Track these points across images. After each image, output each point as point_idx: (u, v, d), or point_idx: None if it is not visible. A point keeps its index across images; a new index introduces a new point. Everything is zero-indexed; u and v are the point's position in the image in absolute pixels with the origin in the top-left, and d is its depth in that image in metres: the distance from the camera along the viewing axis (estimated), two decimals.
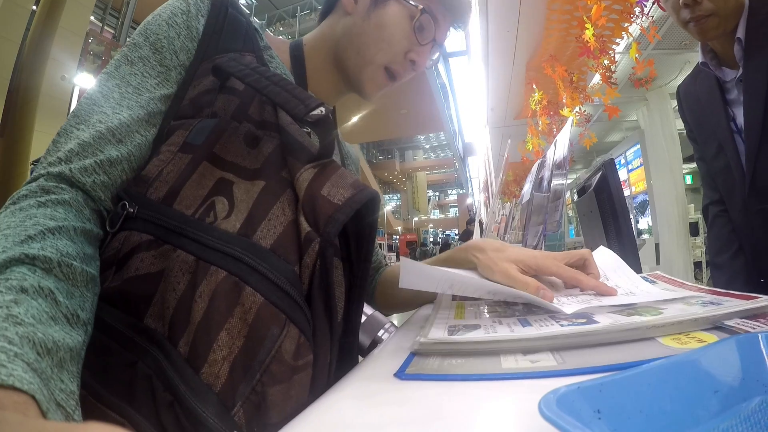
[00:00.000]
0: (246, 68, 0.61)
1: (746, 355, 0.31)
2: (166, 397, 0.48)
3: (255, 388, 0.50)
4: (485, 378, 0.40)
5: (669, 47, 4.73)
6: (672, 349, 0.42)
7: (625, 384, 0.27)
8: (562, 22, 4.19)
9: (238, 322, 0.50)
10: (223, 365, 0.49)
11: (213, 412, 0.47)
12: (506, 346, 0.46)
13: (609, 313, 0.52)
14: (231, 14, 0.69)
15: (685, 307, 0.53)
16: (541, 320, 0.53)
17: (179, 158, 0.58)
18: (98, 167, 0.55)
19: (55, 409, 0.34)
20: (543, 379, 0.39)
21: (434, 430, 0.31)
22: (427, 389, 0.39)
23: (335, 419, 0.36)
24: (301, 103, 0.58)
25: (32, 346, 0.36)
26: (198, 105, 0.63)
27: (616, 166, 1.37)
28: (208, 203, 0.56)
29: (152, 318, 0.52)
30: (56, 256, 0.44)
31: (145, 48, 0.63)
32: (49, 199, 0.50)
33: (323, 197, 0.56)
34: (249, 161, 0.59)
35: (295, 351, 0.52)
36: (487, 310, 0.64)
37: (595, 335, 0.46)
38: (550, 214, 1.45)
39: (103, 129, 0.57)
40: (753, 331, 0.43)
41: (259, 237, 0.55)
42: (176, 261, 0.52)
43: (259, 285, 0.52)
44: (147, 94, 0.61)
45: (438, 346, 0.48)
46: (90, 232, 0.52)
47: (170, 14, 0.65)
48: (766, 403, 0.27)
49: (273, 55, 0.76)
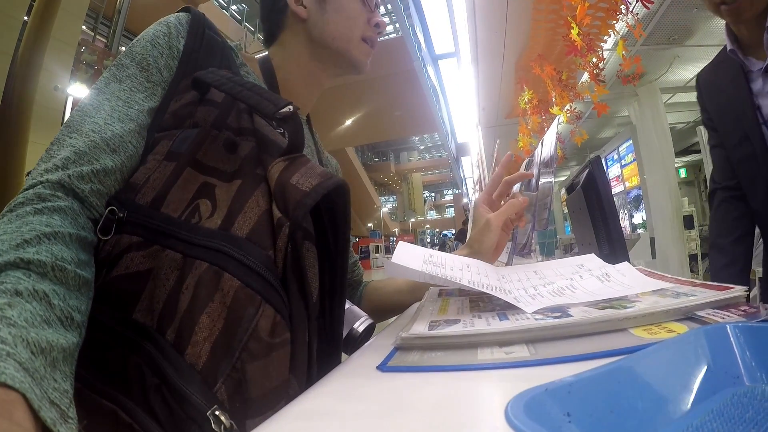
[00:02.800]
0: (222, 78, 0.67)
1: (715, 346, 0.31)
2: (154, 380, 0.51)
3: (235, 365, 0.53)
4: (461, 368, 0.42)
5: (658, 43, 4.75)
6: (643, 339, 0.44)
7: (594, 383, 0.27)
8: (548, 22, 4.21)
9: (218, 306, 0.54)
10: (204, 345, 0.53)
11: (196, 389, 0.50)
12: (483, 339, 0.49)
13: (583, 307, 0.55)
14: (208, 35, 0.75)
15: (659, 298, 0.55)
16: (518, 314, 0.55)
17: (164, 166, 0.62)
18: (94, 176, 0.58)
19: (49, 407, 0.36)
20: (516, 369, 0.41)
21: (410, 416, 0.34)
22: (406, 380, 0.42)
23: (319, 408, 0.39)
24: (270, 103, 0.63)
25: (26, 346, 0.37)
26: (179, 116, 0.67)
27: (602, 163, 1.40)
28: (192, 206, 0.59)
29: (141, 313, 0.54)
30: (50, 260, 0.46)
31: (132, 67, 0.68)
32: (45, 207, 0.52)
33: (292, 185, 0.59)
34: (229, 165, 0.63)
35: (270, 329, 0.56)
36: (469, 306, 0.66)
37: (568, 328, 0.48)
38: (538, 212, 1.47)
39: (97, 139, 0.59)
40: (722, 321, 0.45)
41: (236, 228, 0.59)
42: (165, 260, 0.56)
43: (236, 271, 0.56)
44: (136, 107, 0.65)
45: (418, 340, 0.51)
46: (85, 239, 0.54)
47: (153, 36, 0.70)
48: (737, 396, 0.27)
49: (249, 71, 0.83)
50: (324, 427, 0.34)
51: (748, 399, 0.26)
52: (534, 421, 0.22)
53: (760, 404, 0.26)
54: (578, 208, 1.62)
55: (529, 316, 0.53)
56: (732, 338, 0.31)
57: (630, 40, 4.10)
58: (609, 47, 4.24)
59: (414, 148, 52.66)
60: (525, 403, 0.24)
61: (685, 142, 8.97)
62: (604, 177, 1.42)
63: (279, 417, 0.37)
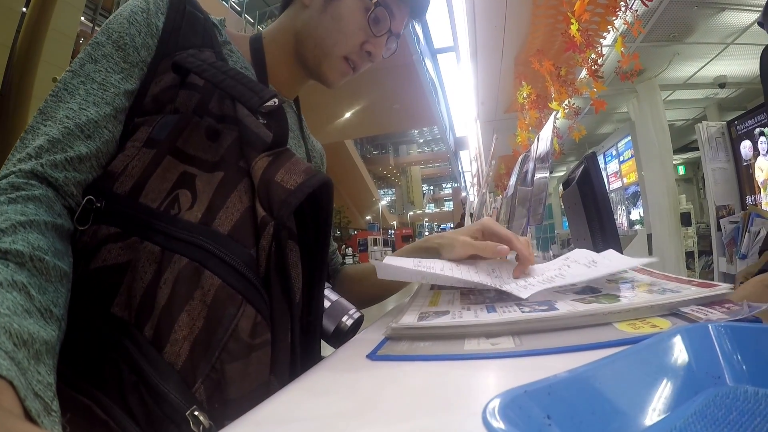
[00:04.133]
0: (203, 63, 0.64)
1: (696, 346, 0.31)
2: (132, 377, 0.50)
3: (214, 365, 0.53)
4: (447, 358, 0.44)
5: (658, 39, 4.75)
6: (626, 333, 0.45)
7: (574, 384, 0.26)
8: (548, 17, 4.21)
9: (198, 304, 0.54)
10: (184, 344, 0.52)
11: (174, 388, 0.50)
12: (470, 331, 0.50)
13: (570, 301, 0.56)
14: (189, 11, 0.71)
15: (644, 294, 0.57)
16: (506, 307, 0.57)
17: (143, 153, 0.60)
18: (68, 164, 0.56)
19: (33, 398, 0.35)
20: (500, 359, 0.43)
21: (397, 400, 0.35)
22: (394, 368, 0.44)
23: (311, 391, 0.41)
24: (255, 95, 0.61)
25: (9, 337, 0.36)
26: (160, 101, 0.64)
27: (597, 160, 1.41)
28: (172, 196, 0.58)
29: (119, 307, 0.54)
30: (28, 250, 0.45)
31: (108, 46, 0.64)
32: (19, 195, 0.50)
33: (276, 183, 0.59)
34: (210, 154, 0.62)
35: (251, 329, 0.56)
36: (460, 298, 0.68)
37: (554, 321, 0.49)
38: (534, 207, 1.48)
39: (71, 125, 0.58)
40: (704, 318, 0.45)
41: (218, 224, 0.58)
42: (143, 252, 0.55)
43: (217, 268, 0.55)
44: (112, 90, 0.62)
45: (407, 330, 0.52)
46: (61, 228, 0.53)
47: (130, 12, 0.66)
48: (719, 396, 0.27)
49: (233, 49, 0.78)
50: (311, 406, 0.37)
51: (730, 400, 0.26)
52: (513, 425, 0.21)
53: (743, 405, 0.25)
54: (573, 203, 1.63)
55: (517, 309, 0.55)
56: (713, 338, 0.31)
57: (629, 37, 4.10)
58: (609, 43, 4.24)
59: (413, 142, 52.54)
60: (503, 406, 0.22)
61: (684, 139, 8.98)
62: (599, 173, 1.43)
63: (276, 399, 0.39)
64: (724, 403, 0.26)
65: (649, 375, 0.28)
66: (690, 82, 6.14)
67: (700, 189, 9.83)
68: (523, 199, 1.60)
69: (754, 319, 0.42)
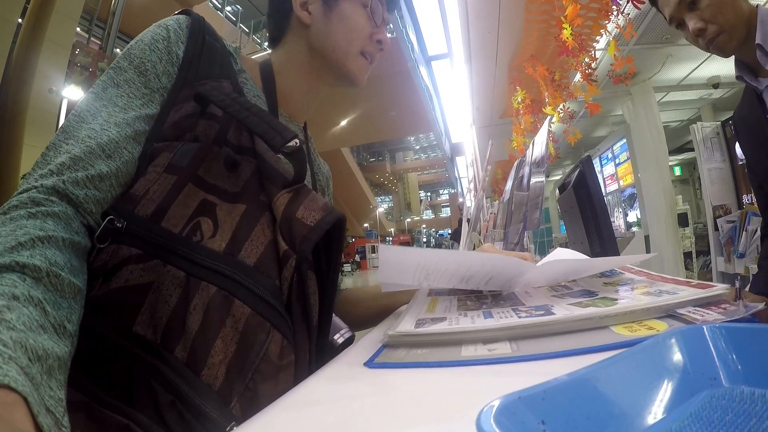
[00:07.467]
0: (227, 98, 0.67)
1: (691, 348, 0.31)
2: (168, 397, 0.53)
3: (248, 385, 0.57)
4: (444, 365, 0.44)
5: (651, 42, 4.77)
6: (623, 336, 0.45)
7: (569, 389, 0.25)
8: (540, 22, 4.23)
9: (230, 331, 0.57)
10: (221, 368, 0.56)
11: (214, 407, 0.54)
12: (467, 337, 0.51)
13: (567, 305, 0.56)
14: (208, 41, 0.74)
15: (641, 296, 0.57)
16: (503, 312, 0.57)
17: (165, 178, 0.62)
18: (89, 181, 0.57)
19: (45, 413, 0.36)
20: (497, 365, 0.43)
21: (394, 407, 0.36)
22: (392, 375, 0.44)
23: (311, 398, 0.41)
24: (278, 135, 0.64)
25: (24, 352, 0.37)
26: (180, 128, 0.67)
27: (593, 163, 1.41)
28: (193, 223, 0.60)
29: (141, 326, 0.55)
30: (45, 266, 0.46)
31: (130, 71, 0.67)
32: (39, 211, 0.51)
33: (297, 219, 0.63)
34: (229, 184, 0.65)
35: (279, 352, 0.60)
36: (457, 305, 0.68)
37: (550, 325, 0.49)
38: (530, 211, 1.48)
39: (93, 144, 0.59)
40: (701, 319, 0.45)
41: (244, 256, 0.61)
42: (167, 275, 0.57)
43: (247, 298, 0.59)
44: (133, 113, 0.64)
45: (404, 337, 0.53)
46: (78, 245, 0.54)
47: (151, 39, 0.69)
48: (715, 398, 0.27)
49: (247, 78, 0.81)
50: (309, 415, 0.37)
51: (726, 401, 0.26)
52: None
53: (739, 406, 0.25)
54: (570, 207, 1.64)
55: (513, 314, 0.55)
56: (708, 339, 0.31)
57: (622, 40, 4.13)
58: (602, 47, 4.26)
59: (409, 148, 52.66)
60: (497, 412, 0.22)
61: (679, 140, 9.02)
62: (595, 176, 1.44)
63: (277, 405, 0.39)
64: (720, 404, 0.26)
65: (645, 378, 0.28)
66: (684, 84, 6.16)
67: (696, 189, 9.86)
68: (520, 204, 1.60)
69: (751, 319, 0.42)
